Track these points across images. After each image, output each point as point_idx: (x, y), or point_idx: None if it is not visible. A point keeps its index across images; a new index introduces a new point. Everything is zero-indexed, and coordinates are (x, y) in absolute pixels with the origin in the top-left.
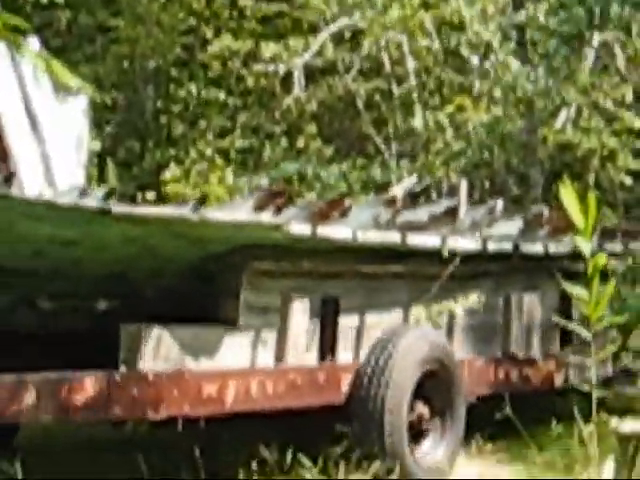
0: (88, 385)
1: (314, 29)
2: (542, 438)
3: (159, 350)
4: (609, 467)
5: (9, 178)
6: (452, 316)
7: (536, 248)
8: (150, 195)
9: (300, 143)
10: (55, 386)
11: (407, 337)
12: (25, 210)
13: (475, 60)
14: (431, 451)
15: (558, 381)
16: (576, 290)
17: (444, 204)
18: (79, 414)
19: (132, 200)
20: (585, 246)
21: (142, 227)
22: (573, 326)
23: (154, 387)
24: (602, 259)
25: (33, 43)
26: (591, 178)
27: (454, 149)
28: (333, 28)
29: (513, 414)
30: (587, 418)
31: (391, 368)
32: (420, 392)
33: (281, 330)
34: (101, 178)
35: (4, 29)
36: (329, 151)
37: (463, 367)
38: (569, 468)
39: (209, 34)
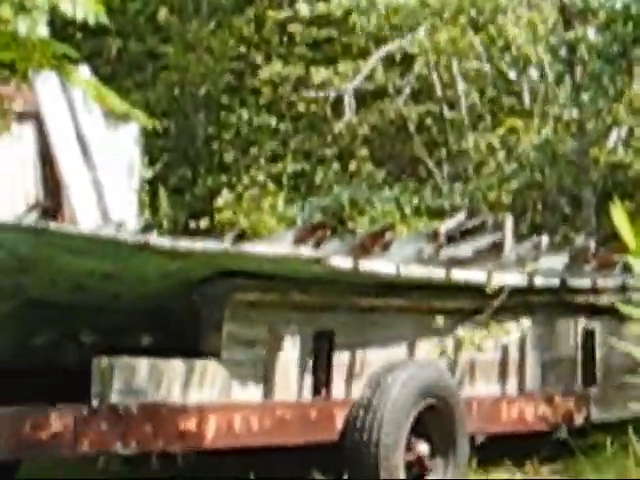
0: (54, 420)
1: (364, 53)
2: (598, 459)
3: (133, 383)
4: None
5: (47, 211)
6: (460, 350)
7: (583, 283)
8: (203, 222)
9: (352, 167)
10: (19, 421)
11: (404, 372)
12: (64, 243)
13: (525, 80)
14: None
15: (578, 419)
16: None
17: (489, 239)
18: (45, 450)
19: (185, 228)
20: (637, 266)
21: (181, 261)
22: (628, 347)
23: (125, 421)
24: None
25: (83, 71)
26: None
27: (506, 171)
28: (383, 52)
29: (569, 435)
30: None
31: (386, 404)
32: (419, 430)
33: (269, 364)
34: (153, 205)
35: (55, 57)
36: (381, 175)
37: (469, 404)
38: None
39: (259, 60)
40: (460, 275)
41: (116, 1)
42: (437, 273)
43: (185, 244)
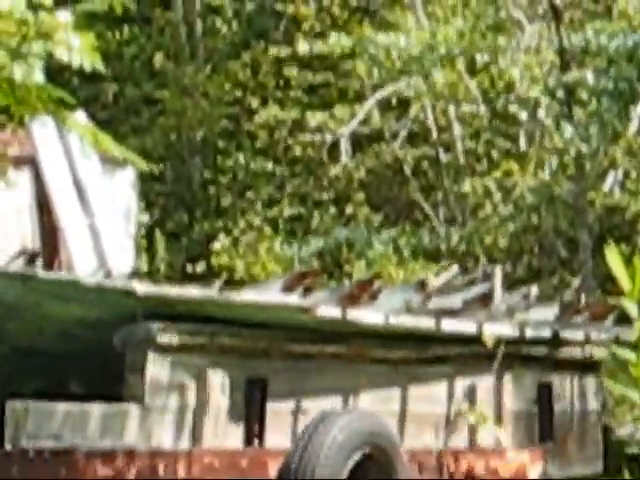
0: None
1: (360, 97)
2: None
3: (47, 427)
4: None
5: (34, 258)
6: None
7: (576, 335)
8: (199, 267)
9: (349, 210)
10: None
11: (340, 421)
12: (51, 290)
13: (523, 118)
14: None
15: (533, 475)
16: (626, 354)
17: (478, 289)
18: None
19: (182, 272)
20: (632, 309)
21: (168, 308)
22: (623, 389)
23: (37, 466)
24: None
25: (80, 116)
26: (639, 240)
27: (503, 214)
28: (379, 96)
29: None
30: None
31: (320, 455)
32: None
33: (197, 411)
34: (150, 249)
35: (51, 103)
36: (378, 218)
37: (414, 457)
38: None
39: (255, 104)
40: (450, 325)
41: (112, 46)
42: (426, 323)
43: (174, 292)
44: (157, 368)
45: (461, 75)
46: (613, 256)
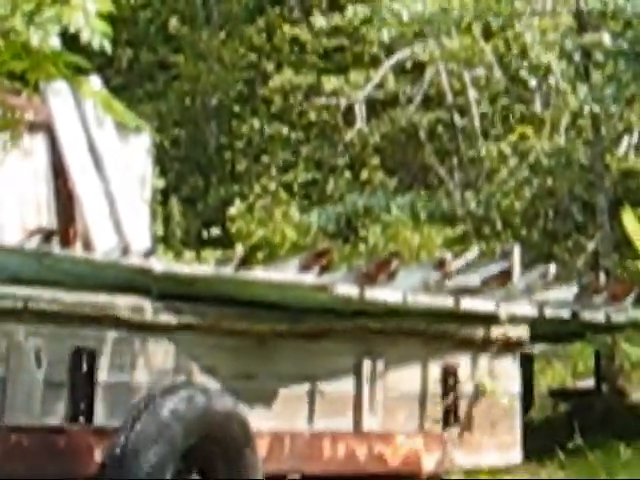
0: None
1: (375, 62)
2: (611, 464)
3: None
4: None
5: (49, 236)
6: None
7: (598, 316)
8: (215, 231)
9: (364, 175)
10: None
11: (175, 398)
12: (67, 268)
13: (536, 86)
14: None
15: (429, 463)
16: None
17: (496, 267)
18: None
19: (197, 237)
20: None
21: (185, 286)
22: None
23: None
24: None
25: (95, 82)
26: None
27: (518, 178)
28: (394, 60)
29: (584, 441)
30: None
31: (150, 433)
32: (193, 461)
33: (7, 383)
34: (166, 215)
35: (66, 68)
36: (393, 183)
37: (280, 439)
38: None
39: (270, 69)
40: (469, 304)
41: (127, 11)
42: (445, 302)
43: (188, 271)
44: None
45: (476, 39)
46: (629, 219)
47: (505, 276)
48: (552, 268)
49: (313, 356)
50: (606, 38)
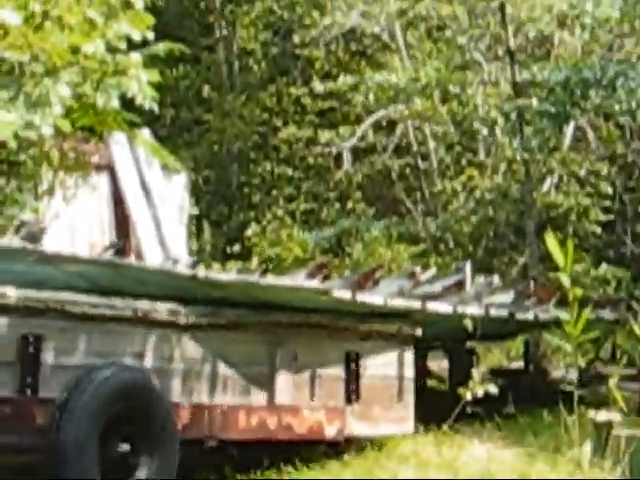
0: None
1: (359, 120)
2: (537, 427)
3: None
4: (588, 448)
5: (121, 251)
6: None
7: (529, 316)
8: (236, 248)
9: (349, 205)
10: None
11: (100, 374)
12: (134, 275)
13: (484, 134)
14: None
15: (330, 431)
16: (563, 314)
17: (453, 279)
18: None
19: (223, 252)
20: (565, 279)
21: (221, 290)
22: (559, 342)
23: None
24: (579, 291)
25: (145, 133)
26: (570, 229)
27: (466, 209)
28: (373, 119)
29: (516, 409)
30: (571, 411)
31: (79, 404)
32: (120, 429)
33: None
34: (199, 235)
35: (124, 123)
36: (371, 211)
37: (200, 410)
38: (557, 449)
39: (279, 124)
40: (433, 307)
41: (170, 80)
42: (415, 305)
43: (224, 277)
44: None
45: (435, 103)
46: (551, 241)
47: (459, 285)
48: (496, 279)
49: (234, 343)
50: (534, 102)
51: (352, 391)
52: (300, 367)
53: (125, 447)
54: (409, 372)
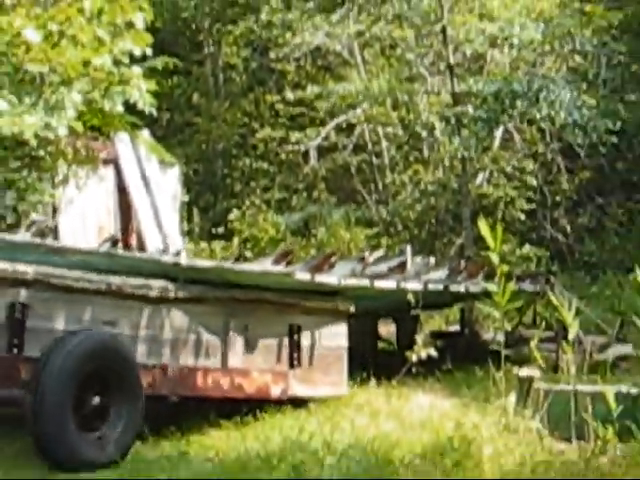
0: None
1: (323, 123)
2: (470, 381)
3: None
4: (512, 399)
5: (116, 243)
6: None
7: (460, 288)
8: (220, 230)
9: (315, 195)
10: None
11: (75, 338)
12: (127, 263)
13: (425, 138)
14: (110, 433)
15: (276, 391)
16: (490, 286)
17: (397, 260)
18: None
19: (209, 233)
20: (495, 258)
21: (202, 274)
22: (489, 309)
23: None
24: (506, 267)
25: (145, 134)
26: (499, 215)
27: (412, 198)
28: (334, 122)
29: (453, 366)
30: (499, 368)
31: (54, 365)
32: (93, 387)
33: None
34: (189, 219)
35: (127, 124)
36: (333, 200)
37: (163, 370)
38: (487, 399)
39: (256, 126)
40: (379, 284)
41: (166, 89)
42: (364, 283)
43: (203, 264)
44: None
45: (387, 108)
46: (483, 225)
47: (402, 265)
48: (432, 259)
49: (195, 315)
50: (470, 109)
51: (294, 358)
52: (250, 336)
53: (97, 400)
54: (344, 342)
